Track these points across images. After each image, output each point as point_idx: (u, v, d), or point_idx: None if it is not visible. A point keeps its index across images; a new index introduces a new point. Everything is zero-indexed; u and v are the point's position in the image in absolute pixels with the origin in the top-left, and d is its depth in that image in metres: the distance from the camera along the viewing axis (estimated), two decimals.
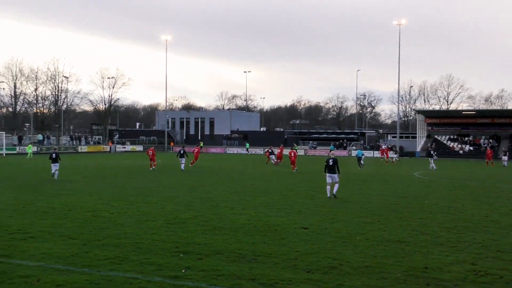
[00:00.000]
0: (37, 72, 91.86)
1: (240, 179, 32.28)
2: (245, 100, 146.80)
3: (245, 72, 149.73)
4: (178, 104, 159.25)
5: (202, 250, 11.78)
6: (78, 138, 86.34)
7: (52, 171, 31.00)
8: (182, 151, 39.58)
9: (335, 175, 21.97)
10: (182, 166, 39.02)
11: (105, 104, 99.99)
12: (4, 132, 72.68)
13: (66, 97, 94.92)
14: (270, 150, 50.04)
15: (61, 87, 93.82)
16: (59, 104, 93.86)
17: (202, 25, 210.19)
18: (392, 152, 64.20)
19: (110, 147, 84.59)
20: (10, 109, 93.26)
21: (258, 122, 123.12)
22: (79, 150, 79.58)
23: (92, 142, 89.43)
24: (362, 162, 46.58)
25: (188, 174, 36.18)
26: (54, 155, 31.22)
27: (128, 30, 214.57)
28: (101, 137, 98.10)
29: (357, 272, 10.13)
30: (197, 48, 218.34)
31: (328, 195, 22.16)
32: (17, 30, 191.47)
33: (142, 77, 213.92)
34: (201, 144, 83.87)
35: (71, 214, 16.89)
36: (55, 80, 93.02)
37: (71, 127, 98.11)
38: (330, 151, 29.16)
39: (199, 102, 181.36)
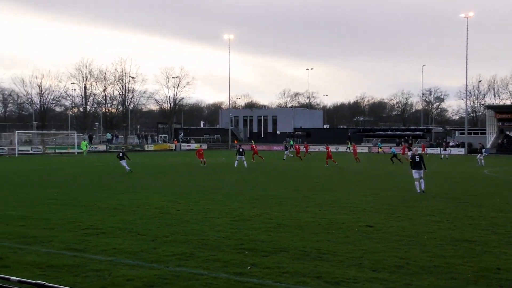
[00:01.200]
0: (105, 73, 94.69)
1: (303, 177, 32.20)
2: (308, 97, 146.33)
3: (307, 69, 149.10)
4: (241, 102, 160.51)
5: (267, 247, 11.83)
6: (145, 136, 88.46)
7: (125, 167, 34.33)
8: (241, 149, 40.59)
9: (422, 171, 23.03)
10: (245, 164, 39.55)
11: (170, 103, 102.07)
12: (75, 132, 75.66)
13: (133, 97, 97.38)
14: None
15: (128, 87, 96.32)
16: (126, 103, 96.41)
17: (265, 23, 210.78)
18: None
19: (176, 146, 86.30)
20: (81, 109, 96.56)
21: (321, 119, 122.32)
22: (146, 149, 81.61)
23: (161, 141, 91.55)
24: (393, 159, 46.72)
25: (252, 171, 36.42)
26: (121, 154, 34.31)
27: (191, 31, 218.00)
28: (166, 135, 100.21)
29: (425, 271, 9.89)
30: (259, 46, 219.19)
31: (418, 191, 22.85)
32: (87, 34, 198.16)
33: (206, 76, 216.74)
34: (253, 142, 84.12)
35: (139, 211, 17.36)
36: (122, 81, 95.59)
37: (138, 126, 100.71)
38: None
39: (262, 100, 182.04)
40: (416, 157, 23.37)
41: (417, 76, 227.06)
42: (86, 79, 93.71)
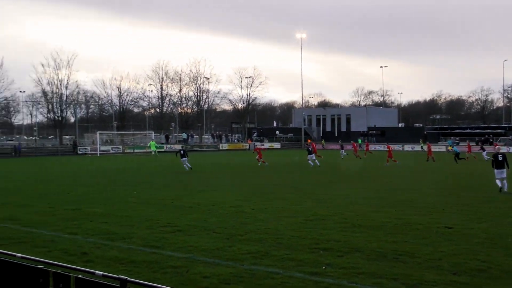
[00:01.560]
0: (180, 75, 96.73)
1: (377, 176, 31.63)
2: (382, 95, 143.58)
3: (381, 67, 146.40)
4: (314, 101, 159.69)
5: (342, 247, 11.71)
6: (219, 136, 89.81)
7: (184, 165, 36.20)
8: (310, 148, 40.85)
9: (504, 170, 22.20)
10: (312, 162, 39.48)
11: (243, 103, 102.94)
12: (153, 132, 77.92)
13: (207, 97, 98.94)
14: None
15: (203, 88, 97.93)
16: (201, 104, 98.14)
17: (337, 20, 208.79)
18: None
19: (249, 145, 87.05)
20: (158, 110, 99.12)
21: (395, 118, 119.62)
22: (220, 148, 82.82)
23: (235, 140, 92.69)
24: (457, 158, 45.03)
25: (324, 171, 36.18)
26: (182, 152, 37.17)
27: (264, 30, 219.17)
28: (240, 135, 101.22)
29: (510, 276, 9.46)
30: (331, 44, 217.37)
31: (500, 191, 22.05)
32: (163, 36, 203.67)
33: (278, 76, 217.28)
34: (323, 143, 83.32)
35: (214, 209, 17.63)
36: (197, 81, 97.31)
37: (212, 126, 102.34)
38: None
39: (335, 99, 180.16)
40: (499, 155, 22.49)
41: (498, 72, 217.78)
42: (162, 80, 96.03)
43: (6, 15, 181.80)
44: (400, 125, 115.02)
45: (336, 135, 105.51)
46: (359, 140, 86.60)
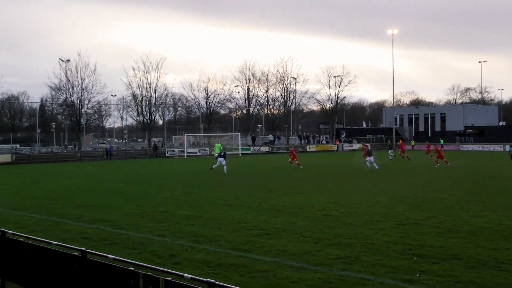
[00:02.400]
0: (267, 75, 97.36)
1: (470, 177, 30.32)
2: (480, 92, 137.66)
3: (480, 62, 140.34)
4: (406, 100, 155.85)
5: (437, 253, 11.33)
6: (307, 137, 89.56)
7: (217, 165, 37.76)
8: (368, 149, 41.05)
9: None
10: (370, 165, 38.19)
11: (331, 103, 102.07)
12: (239, 133, 79.02)
13: (294, 97, 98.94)
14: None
15: (290, 88, 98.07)
16: (288, 104, 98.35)
17: (430, 14, 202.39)
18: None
19: (338, 146, 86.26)
20: (244, 111, 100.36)
21: (496, 116, 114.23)
22: (308, 150, 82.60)
23: (323, 141, 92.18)
24: None
25: (416, 173, 35.21)
26: (223, 153, 38.85)
27: (352, 27, 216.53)
28: (328, 136, 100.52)
29: None
30: (424, 39, 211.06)
31: None
32: (250, 37, 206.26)
33: (368, 74, 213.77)
34: (413, 143, 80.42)
35: (302, 213, 17.62)
36: (284, 82, 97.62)
37: (300, 127, 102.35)
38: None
39: (428, 97, 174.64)
40: None
41: None
42: (249, 81, 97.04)
43: (97, 20, 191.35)
44: (501, 123, 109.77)
45: (429, 135, 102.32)
46: (441, 141, 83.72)
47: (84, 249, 7.22)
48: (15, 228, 13.54)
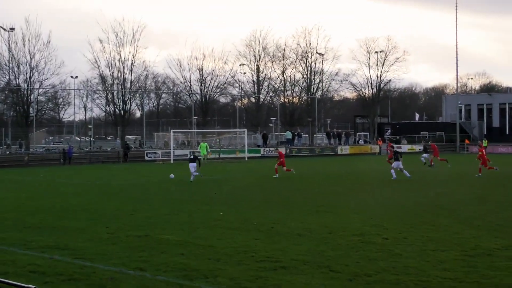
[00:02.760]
0: (284, 50, 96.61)
1: None
2: None
3: None
4: (475, 84, 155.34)
5: None
6: (337, 135, 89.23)
7: (192, 171, 39.07)
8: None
9: None
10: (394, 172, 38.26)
11: (372, 89, 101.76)
12: (245, 129, 78.65)
13: (320, 80, 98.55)
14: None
15: (315, 68, 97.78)
16: (312, 90, 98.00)
17: None
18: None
19: (380, 147, 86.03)
20: (253, 100, 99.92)
21: None
22: (339, 152, 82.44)
23: (360, 141, 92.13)
24: None
25: (491, 185, 35.09)
26: (192, 157, 40.83)
27: None
28: (367, 133, 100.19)
29: None
30: (503, 1, 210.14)
31: None
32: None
33: (422, 49, 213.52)
34: (485, 143, 79.94)
35: (332, 238, 17.58)
36: (306, 59, 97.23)
37: (328, 121, 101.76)
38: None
39: (505, 81, 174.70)
40: None
41: None
42: (259, 58, 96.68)
43: None
44: None
45: (507, 132, 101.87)
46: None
47: (33, 287, 7.24)
48: None
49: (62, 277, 13.15)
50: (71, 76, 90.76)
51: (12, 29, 72.85)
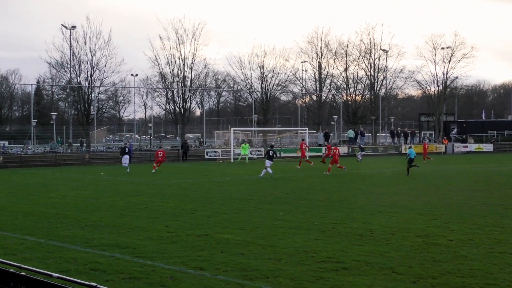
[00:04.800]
0: (347, 47, 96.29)
1: None
2: None
3: None
4: None
5: None
6: (402, 133, 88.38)
7: (123, 164, 46.07)
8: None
9: None
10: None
11: (437, 86, 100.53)
12: (307, 128, 78.63)
13: (384, 78, 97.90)
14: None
15: (379, 65, 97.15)
16: (375, 88, 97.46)
17: None
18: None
19: (446, 146, 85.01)
20: (314, 97, 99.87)
21: None
22: (403, 151, 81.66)
23: (426, 140, 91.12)
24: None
25: None
26: (126, 149, 46.74)
27: None
28: (432, 132, 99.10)
29: None
30: None
31: None
32: None
33: (491, 45, 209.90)
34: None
35: (394, 239, 17.51)
36: (370, 56, 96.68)
37: (392, 120, 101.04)
38: None
39: None
40: None
41: None
42: (322, 55, 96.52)
43: None
44: None
45: None
46: None
47: (95, 284, 7.39)
48: (3, 255, 14.03)
49: (123, 275, 13.40)
50: (131, 74, 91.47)
51: (74, 27, 73.89)
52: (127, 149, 47.16)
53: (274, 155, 39.62)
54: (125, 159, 45.53)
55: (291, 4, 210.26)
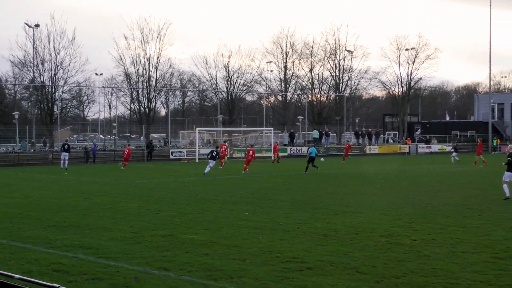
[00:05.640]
0: (312, 47, 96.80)
1: None
2: None
3: None
4: (509, 82, 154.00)
5: None
6: (368, 134, 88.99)
7: (62, 159, 50.85)
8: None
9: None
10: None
11: (402, 87, 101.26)
12: (272, 128, 78.70)
13: (349, 79, 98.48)
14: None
15: (343, 66, 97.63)
16: (340, 88, 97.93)
17: None
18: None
19: (409, 147, 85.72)
20: (280, 98, 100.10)
21: None
22: (367, 151, 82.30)
23: (390, 140, 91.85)
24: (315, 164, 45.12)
25: None
26: (66, 146, 51.45)
27: None
28: (396, 132, 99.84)
29: None
30: None
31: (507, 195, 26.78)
32: None
33: (455, 47, 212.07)
34: (499, 142, 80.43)
35: (358, 239, 17.61)
36: (335, 57, 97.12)
37: (357, 120, 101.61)
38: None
39: None
40: None
41: None
42: (287, 56, 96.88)
43: None
44: None
45: None
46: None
47: (57, 285, 7.33)
48: None
49: (86, 276, 13.30)
50: (96, 74, 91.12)
51: (37, 25, 73.26)
52: (66, 146, 51.09)
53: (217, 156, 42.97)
54: (64, 155, 50.23)
55: (257, 4, 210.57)
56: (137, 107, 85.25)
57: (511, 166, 27.13)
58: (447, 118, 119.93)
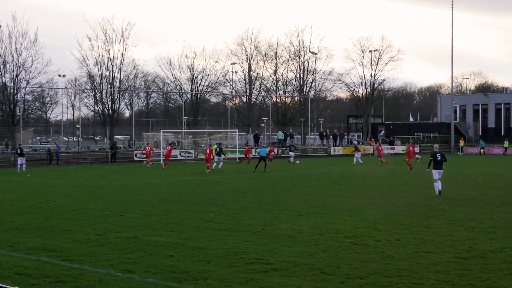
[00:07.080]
0: (276, 49, 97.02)
1: None
2: None
3: None
4: (471, 84, 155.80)
5: None
6: (331, 135, 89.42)
7: (19, 164, 50.69)
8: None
9: (442, 171, 29.74)
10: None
11: (365, 88, 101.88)
12: (237, 130, 78.70)
13: (314, 80, 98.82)
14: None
15: (307, 67, 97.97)
16: (305, 90, 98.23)
17: None
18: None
19: (373, 148, 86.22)
20: (244, 99, 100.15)
21: None
22: (331, 153, 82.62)
23: (354, 141, 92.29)
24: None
25: (488, 184, 35.25)
26: (19, 150, 51.28)
27: None
28: (360, 134, 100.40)
29: None
30: (498, 1, 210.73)
31: (437, 193, 29.34)
32: None
33: (417, 48, 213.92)
34: (462, 143, 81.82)
35: (323, 240, 17.67)
36: (299, 58, 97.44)
37: (321, 122, 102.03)
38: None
39: (502, 81, 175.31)
40: (438, 155, 29.82)
41: None
42: (251, 57, 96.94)
43: None
44: None
45: (503, 132, 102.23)
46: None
47: None
48: None
49: (49, 279, 13.17)
50: (59, 75, 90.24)
51: None
52: (19, 150, 51.43)
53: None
54: (20, 160, 50.83)
55: (220, 5, 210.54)
56: (101, 108, 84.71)
57: (436, 164, 29.59)
58: (411, 119, 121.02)
